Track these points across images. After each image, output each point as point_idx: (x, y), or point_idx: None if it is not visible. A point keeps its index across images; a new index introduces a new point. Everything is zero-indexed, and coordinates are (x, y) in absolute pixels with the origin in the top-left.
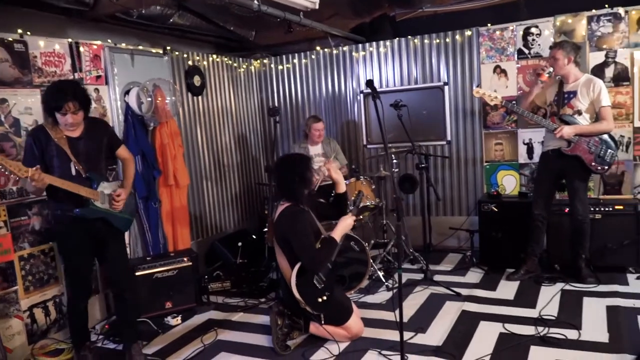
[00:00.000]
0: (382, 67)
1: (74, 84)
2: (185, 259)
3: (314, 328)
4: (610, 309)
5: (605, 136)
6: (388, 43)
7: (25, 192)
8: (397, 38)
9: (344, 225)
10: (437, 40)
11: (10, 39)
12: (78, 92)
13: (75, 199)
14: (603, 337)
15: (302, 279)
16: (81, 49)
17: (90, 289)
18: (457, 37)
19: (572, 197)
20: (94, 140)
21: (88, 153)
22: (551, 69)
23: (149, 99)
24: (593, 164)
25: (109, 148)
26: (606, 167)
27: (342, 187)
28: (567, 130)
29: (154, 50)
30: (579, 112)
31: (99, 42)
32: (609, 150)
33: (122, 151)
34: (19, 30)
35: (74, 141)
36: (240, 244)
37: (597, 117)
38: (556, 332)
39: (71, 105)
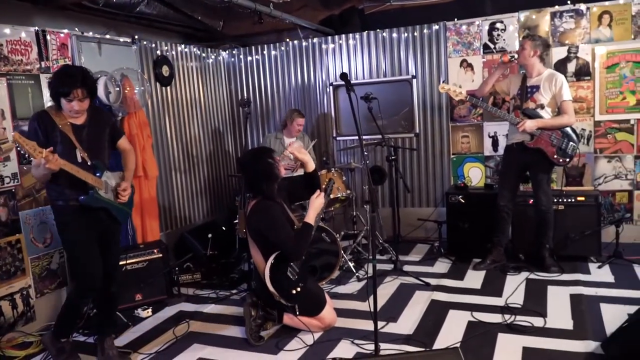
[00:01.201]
0: (352, 59)
1: (83, 70)
2: (155, 250)
3: (288, 319)
4: (573, 297)
5: (568, 129)
6: (357, 36)
7: None
8: (366, 31)
9: (316, 206)
10: (406, 34)
11: None
12: (87, 79)
13: (78, 188)
14: (568, 324)
15: (276, 271)
16: (48, 37)
17: (98, 286)
18: (425, 31)
19: (536, 188)
20: (97, 129)
21: (91, 141)
22: (515, 55)
23: (117, 89)
24: (555, 156)
25: (111, 138)
26: (567, 160)
27: (311, 166)
28: (529, 124)
29: (121, 40)
30: (542, 106)
31: (66, 31)
32: (571, 143)
33: (124, 142)
34: None
35: (77, 128)
36: (210, 235)
37: (558, 111)
38: (522, 320)
39: (79, 92)
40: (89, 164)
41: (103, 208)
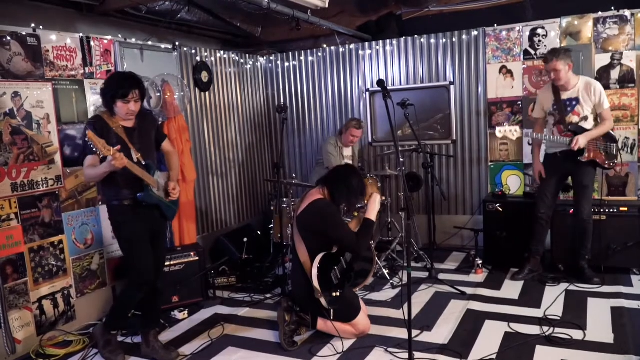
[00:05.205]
0: (389, 65)
1: (134, 74)
2: (192, 253)
3: (322, 324)
4: (614, 310)
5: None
6: (394, 42)
7: (35, 184)
8: (404, 37)
9: (376, 204)
10: (444, 40)
11: (23, 32)
12: (140, 82)
13: (133, 187)
14: (608, 337)
15: (321, 272)
16: (92, 43)
17: (152, 280)
18: (464, 36)
19: (580, 197)
20: (145, 131)
21: (142, 143)
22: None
23: (158, 94)
24: (606, 162)
25: (156, 140)
26: (615, 161)
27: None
28: (582, 142)
29: (163, 46)
30: (585, 118)
31: (109, 37)
32: (613, 145)
33: (167, 145)
34: (32, 25)
35: (129, 131)
36: (245, 239)
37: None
38: (561, 332)
39: (136, 93)
40: (143, 164)
41: (156, 205)
